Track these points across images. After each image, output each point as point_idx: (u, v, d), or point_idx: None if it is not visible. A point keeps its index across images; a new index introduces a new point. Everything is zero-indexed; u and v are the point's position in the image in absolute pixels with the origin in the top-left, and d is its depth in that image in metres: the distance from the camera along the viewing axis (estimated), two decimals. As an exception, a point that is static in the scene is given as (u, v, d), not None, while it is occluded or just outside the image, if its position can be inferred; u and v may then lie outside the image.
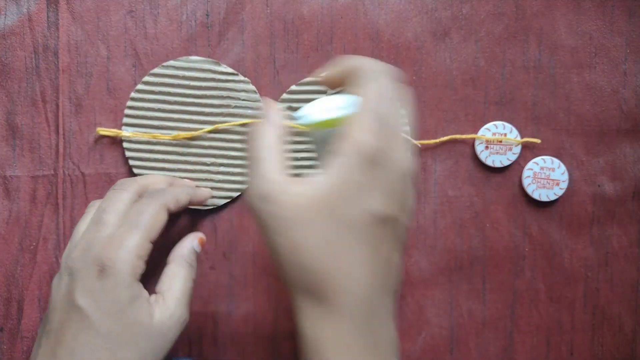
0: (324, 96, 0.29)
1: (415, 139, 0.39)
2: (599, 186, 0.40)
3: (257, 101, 0.39)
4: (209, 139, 0.39)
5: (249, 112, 0.39)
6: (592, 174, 0.40)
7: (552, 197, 0.40)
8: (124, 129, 0.38)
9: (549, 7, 0.40)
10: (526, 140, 0.40)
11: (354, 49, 0.39)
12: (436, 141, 0.40)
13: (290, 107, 0.39)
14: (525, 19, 0.40)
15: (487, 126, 0.39)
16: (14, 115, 0.39)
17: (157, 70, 0.38)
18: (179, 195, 0.33)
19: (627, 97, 0.40)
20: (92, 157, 0.39)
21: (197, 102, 0.38)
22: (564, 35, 0.40)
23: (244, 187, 0.39)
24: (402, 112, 0.27)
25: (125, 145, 0.39)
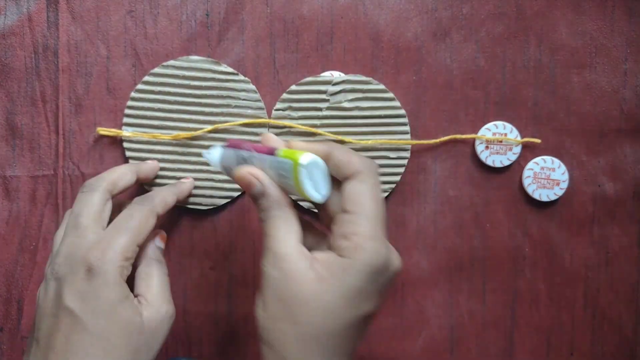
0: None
1: (415, 139, 0.39)
2: (599, 186, 0.40)
3: (257, 101, 0.39)
4: (209, 139, 0.39)
5: (249, 112, 0.39)
6: (593, 174, 0.40)
7: (553, 197, 0.40)
8: (124, 129, 0.38)
9: (549, 7, 0.39)
10: (526, 140, 0.39)
11: (354, 49, 0.39)
12: (436, 141, 0.39)
13: (290, 107, 0.39)
14: (525, 19, 0.39)
15: (487, 126, 0.39)
16: (14, 115, 0.39)
17: (157, 70, 0.38)
18: (167, 197, 0.34)
19: (628, 97, 0.40)
20: (92, 157, 0.39)
21: (197, 102, 0.38)
22: (564, 35, 0.40)
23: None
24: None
25: (125, 145, 0.38)
